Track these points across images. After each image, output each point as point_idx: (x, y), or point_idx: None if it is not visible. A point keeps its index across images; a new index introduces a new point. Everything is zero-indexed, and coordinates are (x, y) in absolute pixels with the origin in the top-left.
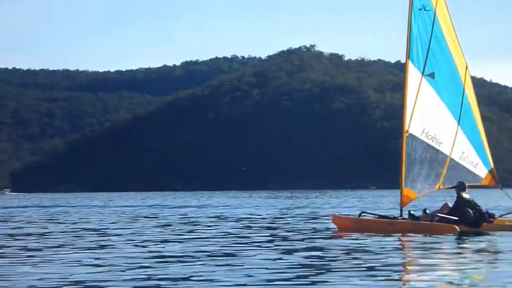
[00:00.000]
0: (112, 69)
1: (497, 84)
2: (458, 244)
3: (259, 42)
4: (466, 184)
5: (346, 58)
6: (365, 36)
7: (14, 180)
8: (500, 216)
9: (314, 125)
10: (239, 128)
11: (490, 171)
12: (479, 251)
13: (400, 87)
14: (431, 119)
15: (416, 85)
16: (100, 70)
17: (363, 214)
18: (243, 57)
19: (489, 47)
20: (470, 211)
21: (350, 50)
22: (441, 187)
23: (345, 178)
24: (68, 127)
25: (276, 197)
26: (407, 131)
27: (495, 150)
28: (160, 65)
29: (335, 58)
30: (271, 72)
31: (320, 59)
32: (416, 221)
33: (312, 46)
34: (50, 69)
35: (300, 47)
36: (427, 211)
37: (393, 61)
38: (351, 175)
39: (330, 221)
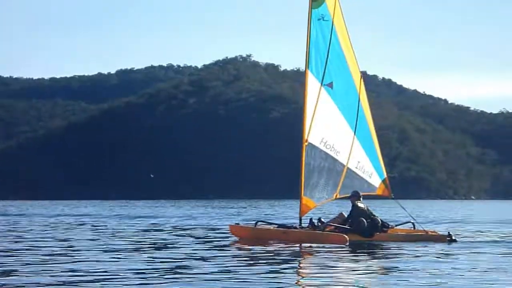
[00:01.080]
0: (47, 76)
1: (430, 96)
2: (340, 254)
3: (195, 51)
4: (361, 194)
5: (282, 68)
6: (300, 47)
7: None
8: (397, 225)
9: (251, 135)
10: (174, 136)
11: (383, 181)
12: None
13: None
14: (330, 128)
15: (315, 95)
16: (34, 77)
17: (259, 223)
18: (178, 66)
19: (422, 60)
20: (364, 220)
21: (286, 61)
22: (338, 196)
23: (284, 187)
24: (1, 135)
25: (193, 207)
26: (307, 140)
27: (428, 161)
28: (95, 72)
29: (271, 68)
30: (208, 81)
31: (256, 68)
32: (308, 231)
33: (248, 56)
34: None
35: (236, 57)
36: (322, 220)
37: None
38: (287, 185)
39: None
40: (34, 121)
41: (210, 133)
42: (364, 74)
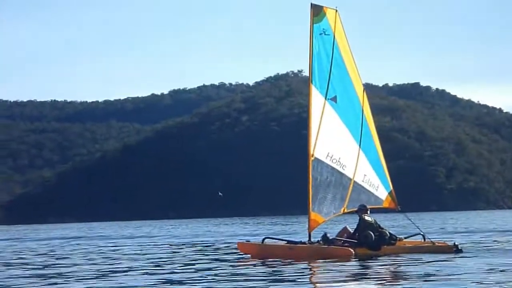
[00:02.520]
0: (100, 99)
1: (485, 106)
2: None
3: (246, 69)
4: (368, 207)
5: None
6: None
7: (4, 212)
8: (406, 238)
9: (303, 150)
10: (229, 154)
11: (390, 193)
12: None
13: (388, 111)
14: (335, 142)
15: (320, 109)
16: (89, 100)
17: (266, 240)
18: (230, 84)
19: (474, 70)
20: (371, 233)
21: None
22: (345, 210)
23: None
24: (58, 158)
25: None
26: (313, 155)
27: (486, 171)
28: (148, 94)
29: None
30: (260, 98)
31: (307, 84)
32: (314, 246)
33: (300, 71)
34: (38, 100)
35: (287, 73)
36: (328, 235)
37: (380, 85)
38: None
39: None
40: (90, 144)
41: (264, 150)
42: (417, 85)
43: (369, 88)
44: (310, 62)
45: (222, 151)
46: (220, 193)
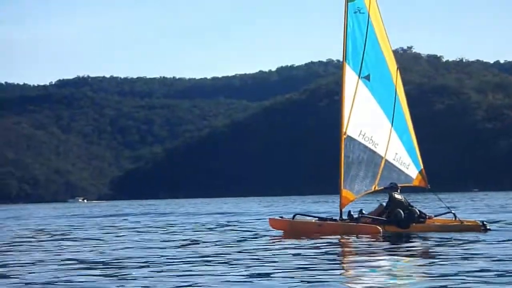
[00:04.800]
0: (209, 76)
1: None
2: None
3: None
4: (399, 185)
5: (444, 59)
6: (463, 37)
7: (114, 187)
8: (436, 216)
9: (417, 127)
10: (338, 131)
11: (420, 172)
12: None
13: (501, 87)
14: (368, 121)
15: (353, 87)
16: (197, 77)
17: (297, 216)
18: (338, 60)
19: None
20: (401, 211)
21: (448, 51)
22: (376, 188)
23: (447, 180)
24: (167, 134)
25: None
26: (345, 133)
27: None
28: (256, 70)
29: (433, 59)
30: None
31: (418, 60)
32: (342, 223)
33: (409, 47)
34: (148, 77)
35: (397, 49)
36: (364, 212)
37: (491, 61)
38: (453, 177)
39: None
40: (198, 120)
41: None
42: None
43: (481, 64)
44: (344, 40)
45: (330, 127)
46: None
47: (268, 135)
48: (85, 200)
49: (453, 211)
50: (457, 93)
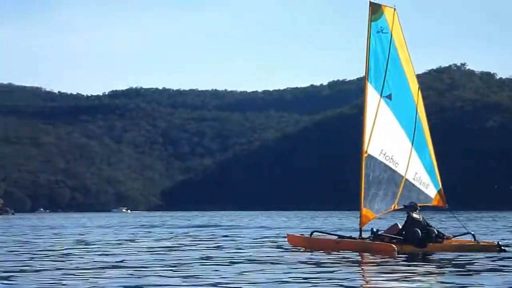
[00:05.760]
0: (260, 89)
1: None
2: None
3: None
4: (418, 205)
5: (497, 77)
6: None
7: (165, 198)
8: (455, 236)
9: (466, 144)
10: None
11: (439, 192)
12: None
13: None
14: (389, 140)
15: (375, 106)
16: (248, 90)
17: (314, 233)
18: None
19: None
20: (419, 231)
21: (501, 69)
22: (396, 207)
23: (502, 197)
24: (217, 146)
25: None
26: (366, 152)
27: None
28: (308, 84)
29: (487, 77)
30: (421, 90)
31: (471, 77)
32: (358, 241)
33: (463, 64)
34: (199, 89)
35: (450, 66)
36: (374, 231)
37: None
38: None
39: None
40: (248, 133)
41: None
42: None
43: None
44: (367, 59)
45: None
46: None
47: (319, 149)
48: (129, 210)
49: (472, 232)
50: (511, 110)
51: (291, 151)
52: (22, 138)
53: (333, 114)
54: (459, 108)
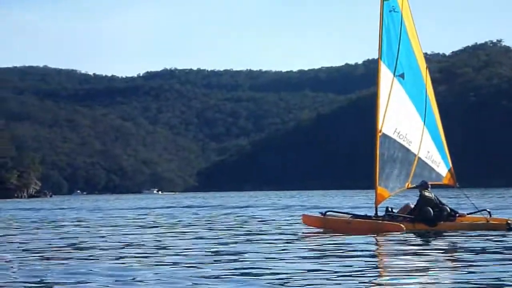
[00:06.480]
0: (295, 69)
1: None
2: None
3: (443, 39)
4: (429, 183)
5: None
6: None
7: (200, 179)
8: (469, 214)
9: (503, 121)
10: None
11: (449, 170)
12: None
13: None
14: (402, 119)
15: (388, 86)
16: (283, 70)
17: (328, 213)
18: (426, 53)
19: None
20: (430, 209)
21: None
22: (410, 185)
23: None
24: (252, 127)
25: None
26: (381, 131)
27: None
28: (343, 63)
29: None
30: (457, 68)
31: (508, 54)
32: (368, 220)
33: (499, 41)
34: (234, 69)
35: (486, 42)
36: (390, 210)
37: None
38: None
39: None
40: (284, 113)
41: (460, 120)
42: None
43: None
44: (380, 39)
45: None
46: None
47: (354, 128)
48: (160, 192)
49: (488, 209)
50: None
51: (326, 130)
52: (59, 121)
53: (368, 93)
54: (495, 85)
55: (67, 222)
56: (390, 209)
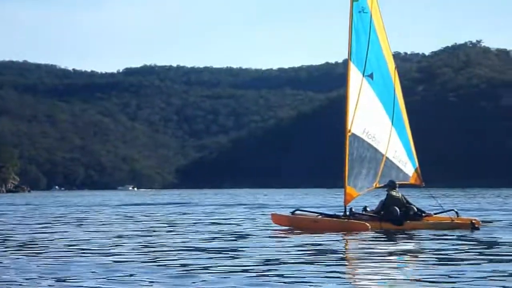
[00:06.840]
0: (275, 67)
1: None
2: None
3: (422, 38)
4: (396, 183)
5: None
6: None
7: (179, 176)
8: (436, 213)
9: (481, 122)
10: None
11: (416, 170)
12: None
13: None
14: (371, 119)
15: (358, 86)
16: (263, 68)
17: (296, 212)
18: (405, 53)
19: None
20: (397, 209)
21: None
22: (377, 185)
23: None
24: (232, 124)
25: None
26: (350, 131)
27: None
28: (323, 62)
29: (503, 54)
30: (437, 68)
31: (487, 54)
32: (334, 219)
33: (478, 41)
34: (214, 66)
35: (465, 43)
36: (368, 209)
37: None
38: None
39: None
40: (263, 111)
41: (439, 120)
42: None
43: None
44: (349, 39)
45: None
46: None
47: (334, 126)
48: (135, 188)
49: (455, 209)
50: None
51: (306, 129)
52: (38, 116)
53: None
54: (474, 86)
55: None
56: (366, 208)
